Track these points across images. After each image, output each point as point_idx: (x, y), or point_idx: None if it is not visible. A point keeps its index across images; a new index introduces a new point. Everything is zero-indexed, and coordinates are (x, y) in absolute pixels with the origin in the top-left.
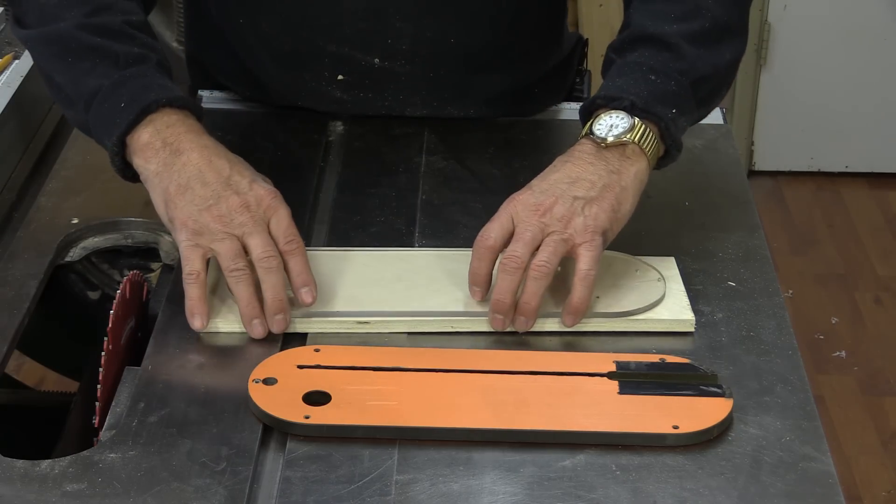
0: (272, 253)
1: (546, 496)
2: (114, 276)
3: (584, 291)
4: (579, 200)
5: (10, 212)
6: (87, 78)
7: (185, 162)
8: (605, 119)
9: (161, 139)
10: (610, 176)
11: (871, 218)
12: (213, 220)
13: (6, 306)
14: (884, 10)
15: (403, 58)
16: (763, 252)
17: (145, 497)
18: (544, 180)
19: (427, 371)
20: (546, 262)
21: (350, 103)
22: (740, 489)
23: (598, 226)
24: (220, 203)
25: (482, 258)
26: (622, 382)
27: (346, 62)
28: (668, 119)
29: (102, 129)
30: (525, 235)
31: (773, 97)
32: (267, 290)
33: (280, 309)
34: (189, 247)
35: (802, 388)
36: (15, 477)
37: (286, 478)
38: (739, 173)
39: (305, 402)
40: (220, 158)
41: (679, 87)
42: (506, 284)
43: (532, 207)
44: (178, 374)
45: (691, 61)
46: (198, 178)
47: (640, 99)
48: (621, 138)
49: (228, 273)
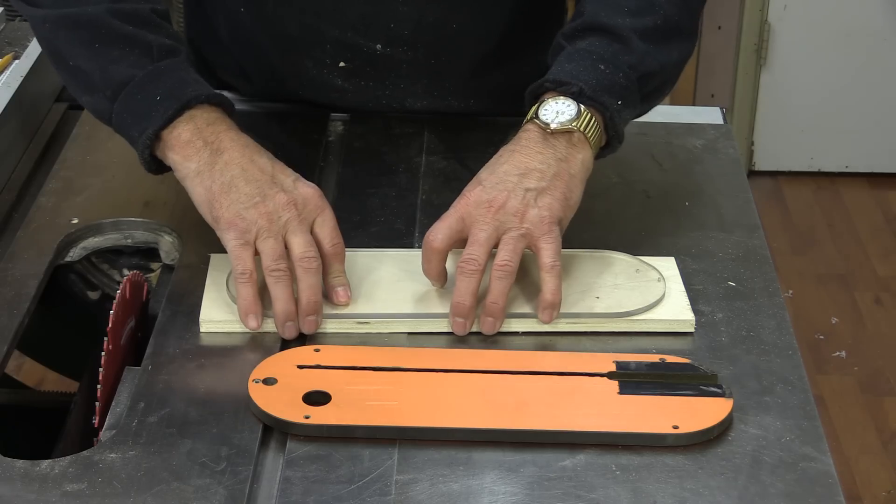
0: (313, 254)
1: (546, 496)
2: (114, 276)
3: (555, 282)
4: (531, 192)
5: (10, 212)
6: (117, 66)
7: (227, 161)
8: (552, 105)
9: (202, 138)
10: (559, 164)
11: (871, 218)
12: (259, 217)
13: (6, 306)
14: (884, 10)
15: (405, 44)
16: (763, 252)
17: (145, 497)
18: (493, 173)
19: (427, 371)
20: (508, 260)
21: (351, 93)
22: (740, 489)
23: (554, 216)
24: (267, 200)
25: (430, 259)
26: (622, 382)
27: (347, 48)
28: (613, 110)
29: (132, 120)
30: (480, 236)
31: (773, 97)
32: (304, 290)
33: (314, 311)
34: (238, 246)
35: (802, 388)
36: (15, 477)
37: (286, 478)
38: (739, 173)
39: (305, 402)
40: (261, 157)
41: (627, 79)
42: (465, 287)
43: (485, 205)
44: (178, 374)
45: (641, 56)
46: (242, 177)
47: (589, 87)
48: (568, 125)
49: (269, 272)
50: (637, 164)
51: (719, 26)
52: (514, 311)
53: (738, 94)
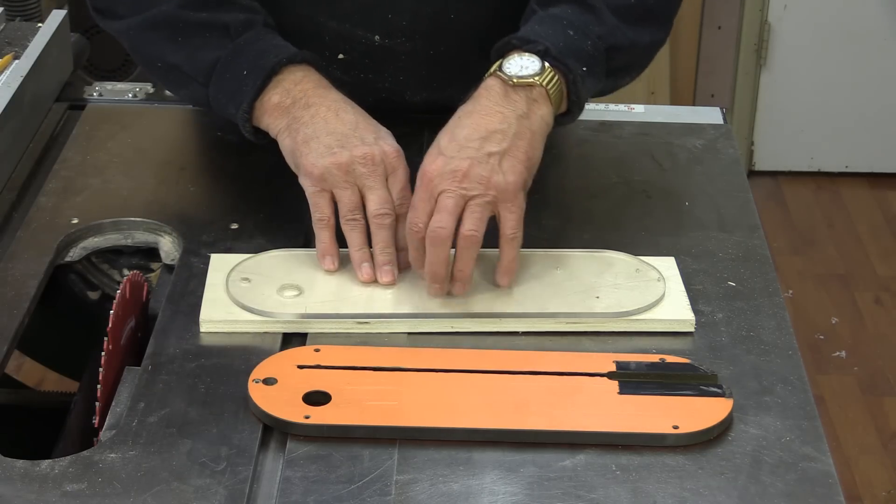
0: (388, 210)
1: (546, 496)
2: (114, 276)
3: (513, 252)
4: (494, 156)
5: (10, 212)
6: (202, 53)
7: (313, 114)
8: (517, 59)
9: (291, 97)
10: (519, 122)
11: (871, 218)
12: (336, 168)
13: (6, 306)
14: (884, 10)
15: (403, 35)
16: (763, 252)
17: (145, 497)
18: (454, 140)
19: (427, 371)
20: (474, 229)
21: (350, 85)
22: (740, 489)
23: (519, 180)
24: (345, 150)
25: (419, 248)
26: (622, 382)
27: (346, 39)
28: (577, 74)
29: (227, 98)
30: (448, 203)
31: (773, 97)
32: (377, 243)
33: (389, 261)
34: (315, 192)
35: (802, 388)
36: (15, 477)
37: (286, 478)
38: (739, 173)
39: (305, 402)
40: (347, 112)
41: (594, 48)
42: (435, 257)
43: (448, 175)
44: (178, 374)
45: (611, 28)
46: (324, 128)
47: (555, 47)
48: (530, 79)
49: (344, 221)
50: (637, 164)
51: (719, 26)
52: (514, 311)
53: (738, 94)
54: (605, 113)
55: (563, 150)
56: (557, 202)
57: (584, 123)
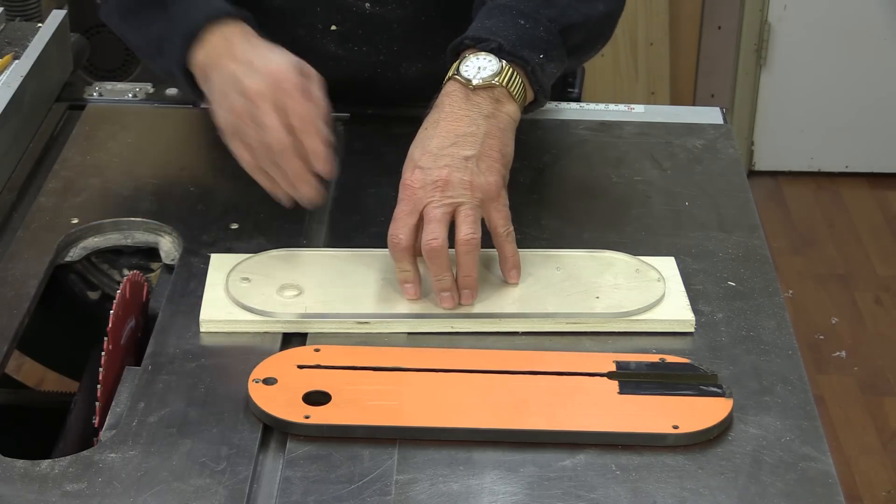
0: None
1: (546, 496)
2: (114, 276)
3: (511, 247)
4: (471, 160)
5: (10, 212)
6: (150, 28)
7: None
8: (473, 60)
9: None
10: (487, 122)
11: (871, 218)
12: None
13: (6, 306)
14: (884, 10)
15: (394, 1)
16: (763, 252)
17: (145, 497)
18: (426, 151)
19: (427, 371)
20: (472, 233)
21: (345, 60)
22: (740, 489)
23: (499, 180)
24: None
25: (402, 259)
26: (622, 382)
27: (338, 9)
28: (535, 63)
29: (173, 68)
30: (436, 214)
31: (773, 97)
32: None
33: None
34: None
35: (802, 388)
36: (15, 477)
37: (286, 478)
38: (739, 173)
39: (305, 402)
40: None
41: (548, 33)
42: (437, 268)
43: (430, 186)
44: (178, 374)
45: (561, 8)
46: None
47: (508, 42)
48: (490, 81)
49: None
50: (637, 164)
51: (719, 26)
52: (515, 311)
53: (738, 94)
54: (605, 113)
55: (563, 150)
56: (557, 202)
57: (584, 123)
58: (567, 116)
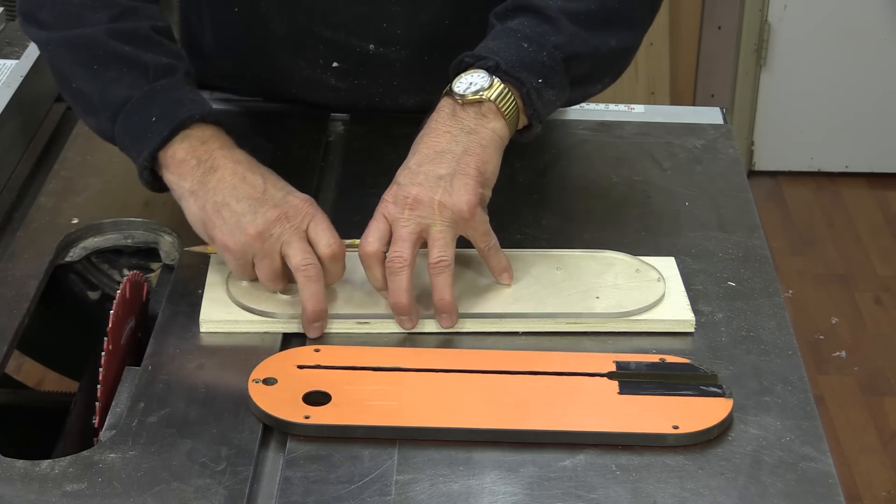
0: (311, 261)
1: (546, 496)
2: (114, 276)
3: (496, 256)
4: (444, 179)
5: (10, 212)
6: (115, 87)
7: (219, 179)
8: (466, 77)
9: (196, 157)
10: (468, 137)
11: (871, 218)
12: (252, 239)
13: (6, 306)
14: (884, 10)
15: (398, 43)
16: (763, 252)
17: (145, 497)
18: (405, 168)
19: (427, 371)
20: (443, 255)
21: (344, 91)
22: (740, 489)
23: (472, 199)
24: (258, 217)
25: (371, 266)
26: (622, 382)
27: (340, 48)
28: (531, 86)
29: (131, 141)
30: (402, 232)
31: (773, 97)
32: (307, 299)
33: (319, 318)
34: (238, 267)
35: (802, 388)
36: (15, 477)
37: (286, 478)
38: (739, 173)
39: (305, 402)
40: (253, 174)
41: (551, 59)
42: (395, 286)
43: (401, 202)
44: (178, 374)
45: (570, 37)
46: (233, 195)
47: (506, 62)
48: (479, 95)
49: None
50: (637, 164)
51: (719, 26)
52: (515, 311)
53: (738, 94)
54: (605, 113)
55: (563, 150)
56: (557, 202)
57: (584, 123)
58: (567, 116)
